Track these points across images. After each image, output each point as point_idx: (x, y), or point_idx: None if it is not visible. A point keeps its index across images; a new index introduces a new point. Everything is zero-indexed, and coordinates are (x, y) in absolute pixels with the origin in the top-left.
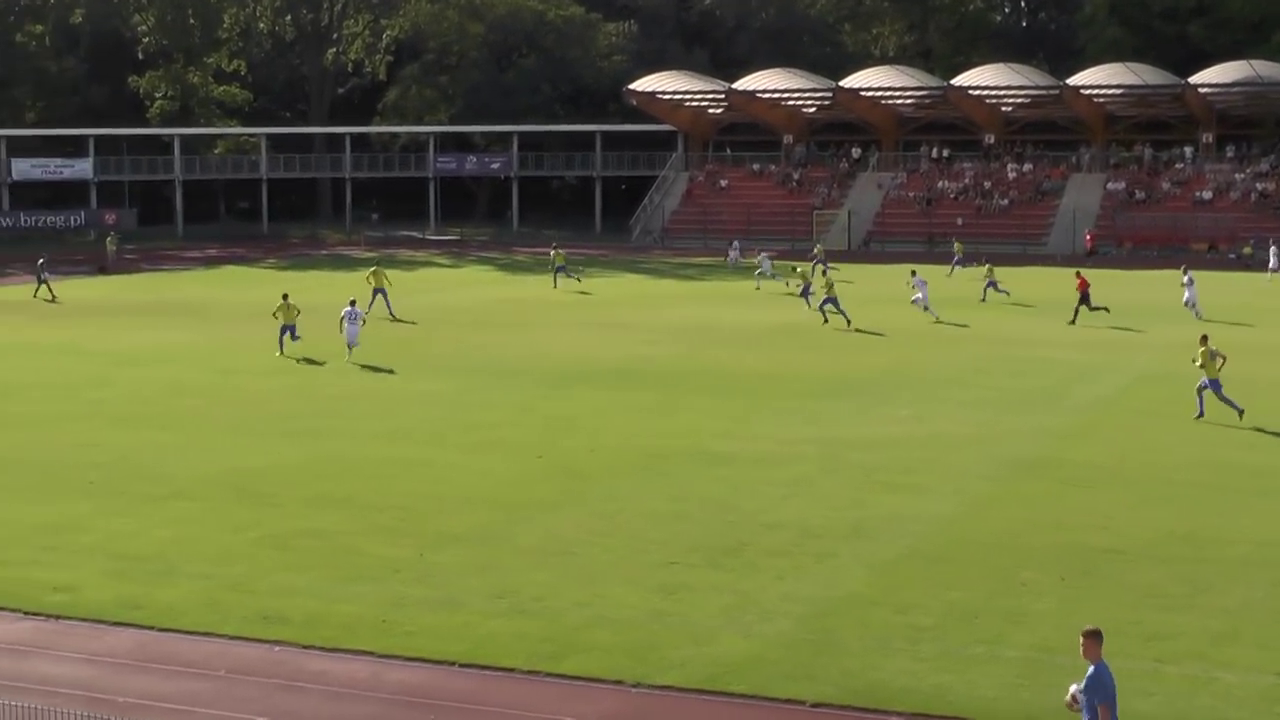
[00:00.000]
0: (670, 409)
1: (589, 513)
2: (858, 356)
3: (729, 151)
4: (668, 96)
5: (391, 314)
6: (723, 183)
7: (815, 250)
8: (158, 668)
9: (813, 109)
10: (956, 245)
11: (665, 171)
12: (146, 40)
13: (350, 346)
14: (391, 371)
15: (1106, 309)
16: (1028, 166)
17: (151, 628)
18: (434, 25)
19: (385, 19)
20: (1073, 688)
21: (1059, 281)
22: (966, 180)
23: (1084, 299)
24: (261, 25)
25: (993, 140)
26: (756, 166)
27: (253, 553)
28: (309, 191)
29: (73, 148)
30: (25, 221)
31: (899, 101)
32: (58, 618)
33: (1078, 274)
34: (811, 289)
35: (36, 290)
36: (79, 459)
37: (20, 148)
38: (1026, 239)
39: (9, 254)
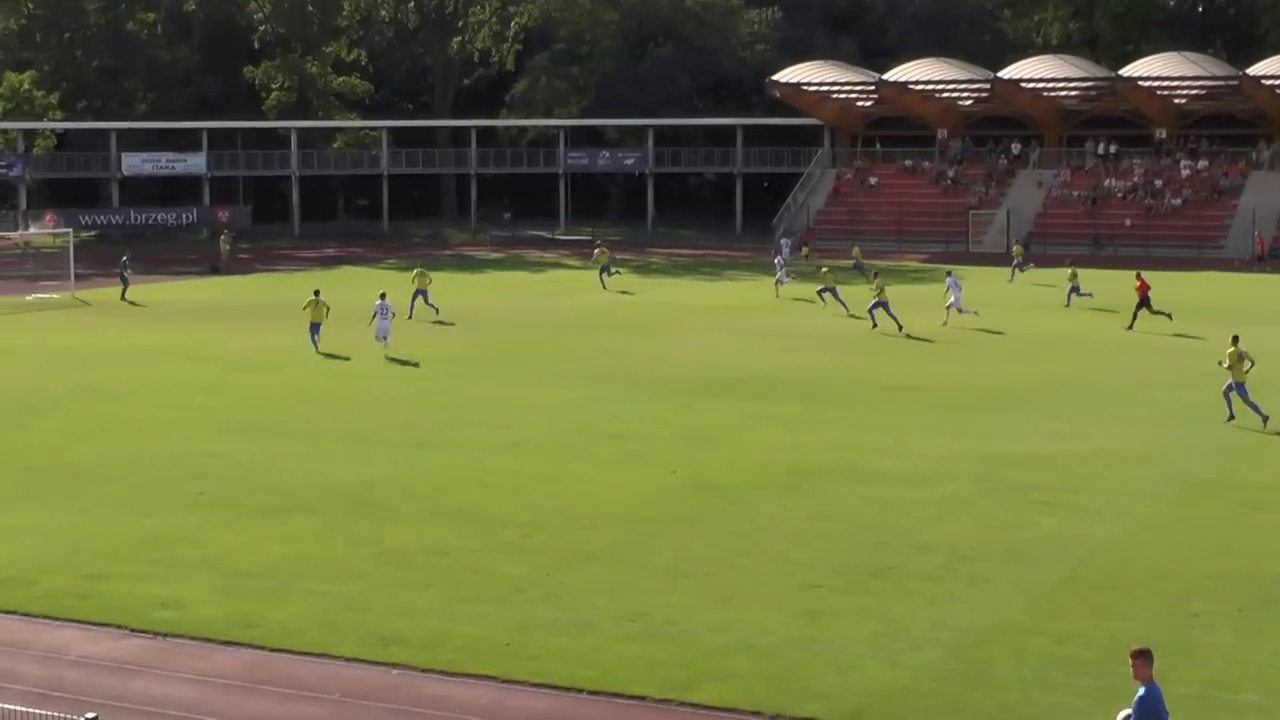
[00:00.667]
0: (814, 421)
1: (727, 531)
2: (1010, 366)
3: (879, 147)
4: (814, 88)
5: (427, 312)
6: (872, 180)
7: (854, 252)
8: (268, 689)
9: (969, 101)
10: (1016, 249)
11: (811, 168)
12: (262, 29)
13: (381, 339)
14: (514, 380)
15: (1169, 315)
16: (1203, 163)
17: (263, 647)
18: (565, 12)
19: (513, 6)
20: (1120, 714)
21: (1229, 287)
22: (1135, 178)
23: (1144, 302)
24: (383, 13)
25: (1164, 135)
26: (908, 163)
27: (371, 569)
28: (432, 188)
29: (185, 142)
30: (135, 219)
31: (1062, 93)
32: (165, 635)
33: (1138, 275)
34: (837, 291)
35: (124, 291)
36: (188, 468)
37: (131, 141)
38: (1201, 242)
39: (119, 253)
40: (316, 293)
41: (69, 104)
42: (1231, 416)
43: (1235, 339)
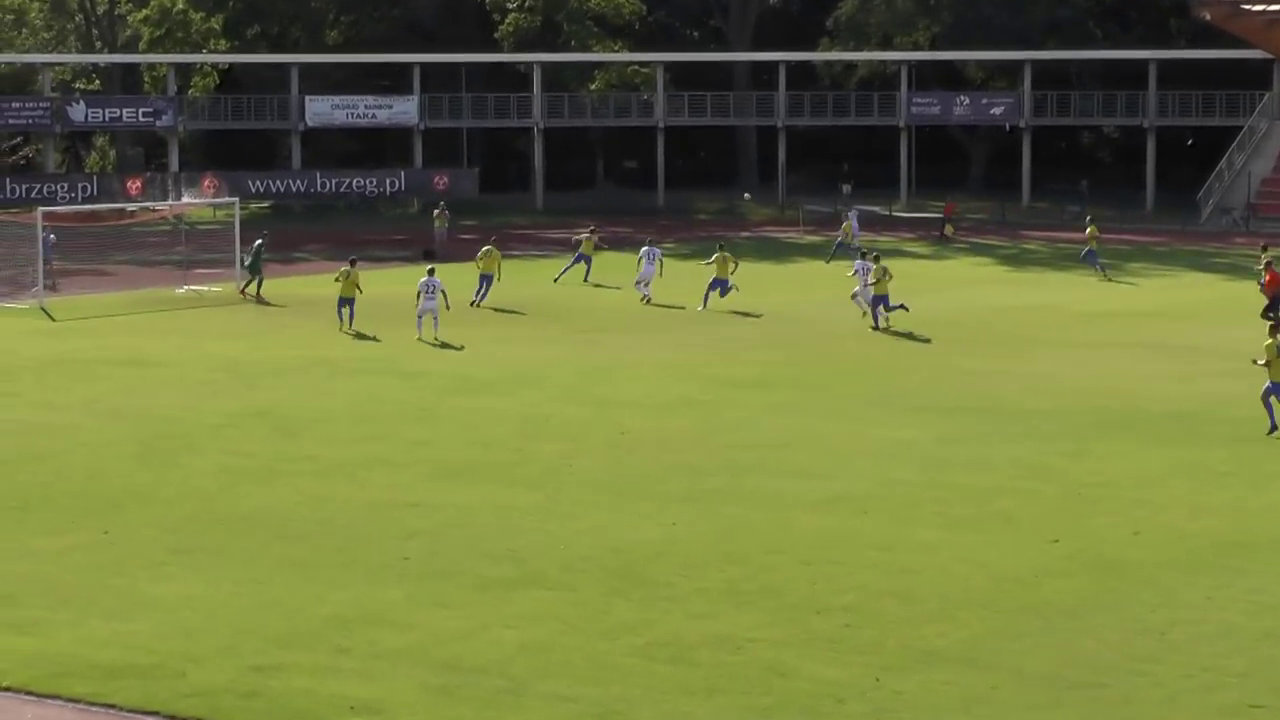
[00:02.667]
0: (1255, 474)
1: (1130, 626)
2: None
3: None
4: (1260, 8)
5: (477, 301)
6: None
7: (843, 227)
8: None
9: None
10: (1090, 229)
11: (1252, 120)
12: None
13: (422, 316)
14: (834, 411)
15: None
16: None
17: None
18: None
19: None
20: None
21: None
22: None
23: (1276, 302)
24: None
25: None
26: None
27: (635, 667)
28: (723, 146)
29: (391, 82)
30: (323, 185)
31: None
32: None
33: (1268, 266)
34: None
35: (249, 284)
36: (390, 524)
37: (318, 81)
38: None
39: (300, 230)
40: (353, 262)
41: (237, 30)
42: (1274, 428)
43: (1274, 328)
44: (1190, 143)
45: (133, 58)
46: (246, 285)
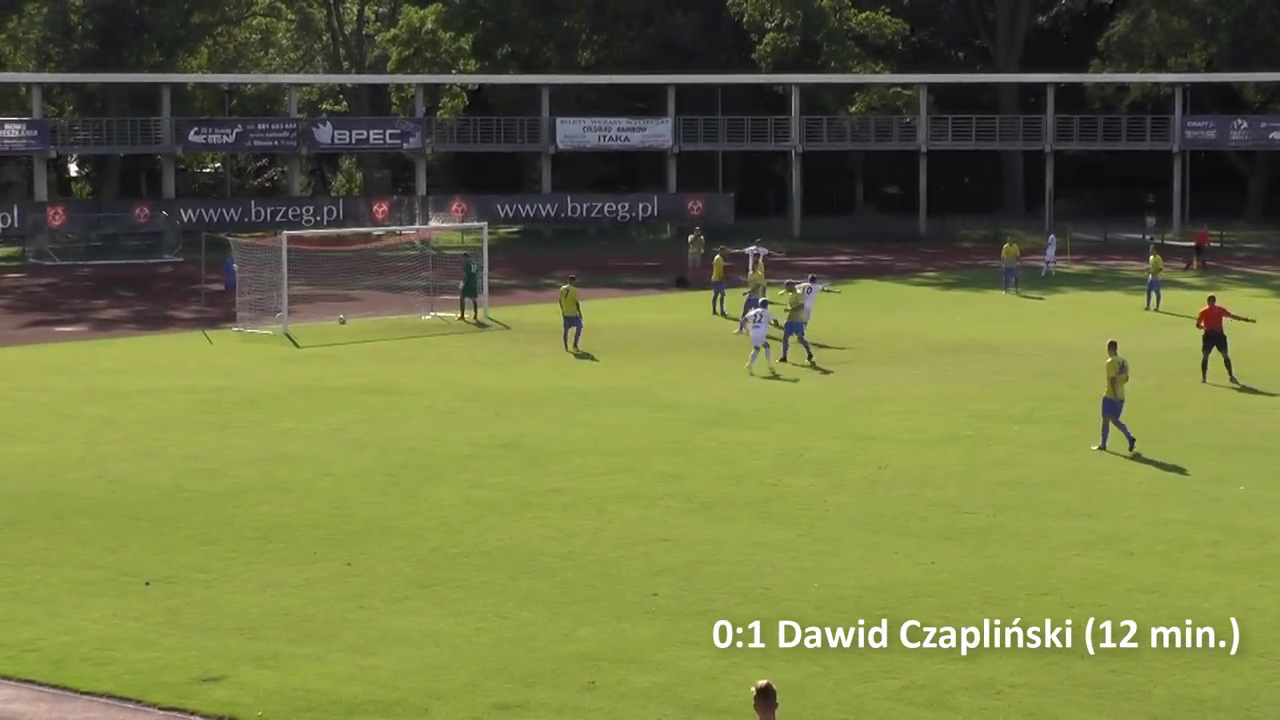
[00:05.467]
0: None
1: None
2: None
3: None
4: None
5: (570, 346)
6: None
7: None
8: None
9: None
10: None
11: None
12: None
13: (757, 349)
14: (1113, 451)
15: None
16: None
17: None
18: None
19: None
20: None
21: None
22: None
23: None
24: None
25: None
26: None
27: (892, 711)
28: (989, 172)
29: (645, 103)
30: (574, 209)
31: None
32: None
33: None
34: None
35: (464, 312)
36: (640, 560)
37: (570, 102)
38: None
39: (552, 256)
40: (573, 279)
41: (487, 50)
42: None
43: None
44: None
45: (380, 78)
46: (464, 310)
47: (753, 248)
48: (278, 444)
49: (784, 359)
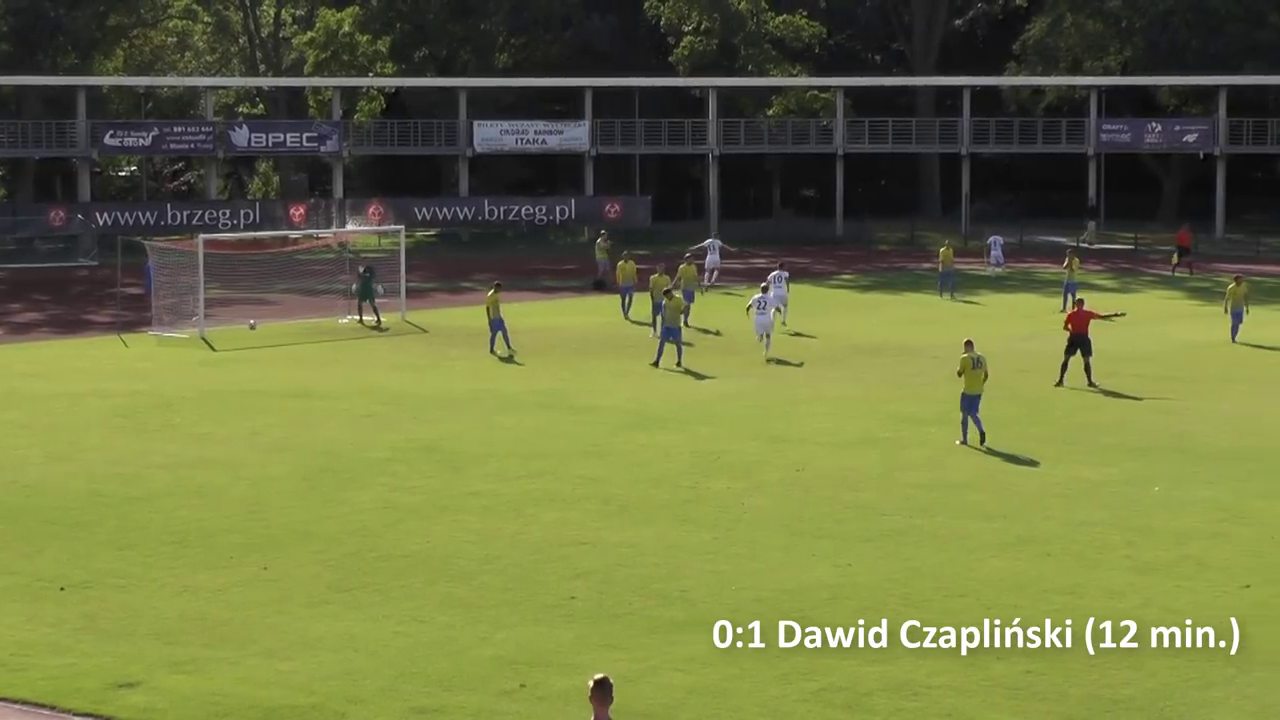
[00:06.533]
0: None
1: None
2: None
3: None
4: None
5: (496, 348)
6: None
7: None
8: None
9: None
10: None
11: None
12: None
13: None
14: (1021, 448)
15: None
16: None
17: None
18: None
19: None
20: None
21: None
22: None
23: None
24: None
25: None
26: None
27: (810, 713)
28: (905, 175)
29: (562, 107)
30: (492, 212)
31: None
32: None
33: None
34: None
35: (363, 316)
36: (558, 563)
37: (487, 105)
38: None
39: (470, 258)
40: (498, 287)
41: (404, 53)
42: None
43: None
44: None
45: (297, 81)
46: (362, 314)
47: (710, 241)
48: (194, 448)
49: (656, 364)
